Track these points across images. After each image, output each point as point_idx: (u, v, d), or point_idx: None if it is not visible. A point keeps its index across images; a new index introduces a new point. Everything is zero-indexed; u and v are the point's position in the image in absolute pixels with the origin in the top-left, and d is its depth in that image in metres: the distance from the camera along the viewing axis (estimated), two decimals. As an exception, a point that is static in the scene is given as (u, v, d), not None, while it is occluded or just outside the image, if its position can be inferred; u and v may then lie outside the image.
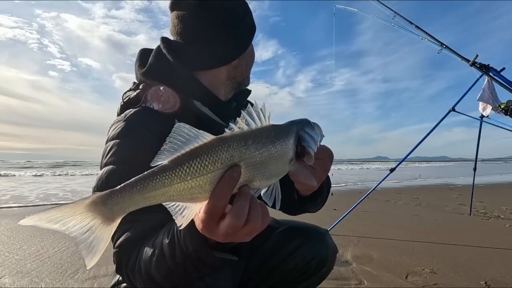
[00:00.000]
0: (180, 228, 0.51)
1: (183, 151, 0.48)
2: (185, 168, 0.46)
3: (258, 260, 1.04)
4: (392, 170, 4.08)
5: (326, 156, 0.65)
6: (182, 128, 0.48)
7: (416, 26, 3.49)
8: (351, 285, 1.90)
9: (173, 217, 0.50)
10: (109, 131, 0.83)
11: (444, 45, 3.36)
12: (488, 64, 3.20)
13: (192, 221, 0.55)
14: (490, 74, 3.20)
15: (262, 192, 0.55)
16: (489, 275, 2.06)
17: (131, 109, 0.84)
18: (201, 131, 0.49)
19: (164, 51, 0.91)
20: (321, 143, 0.63)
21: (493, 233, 3.26)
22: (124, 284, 0.87)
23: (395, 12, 3.57)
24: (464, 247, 2.73)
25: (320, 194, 0.88)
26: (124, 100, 0.90)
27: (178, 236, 0.61)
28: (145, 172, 0.48)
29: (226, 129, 0.51)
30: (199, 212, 0.50)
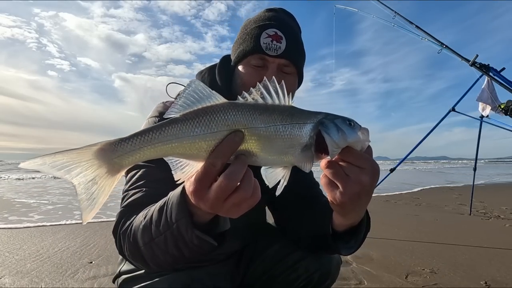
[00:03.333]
0: (177, 183, 0.52)
1: (195, 108, 0.49)
2: (194, 123, 0.48)
3: (259, 267, 1.02)
4: (392, 170, 4.08)
5: (367, 167, 0.54)
6: (196, 85, 0.50)
7: (416, 26, 3.49)
8: (351, 285, 1.90)
9: (173, 171, 0.51)
10: None
11: (444, 45, 3.36)
12: (488, 64, 3.20)
13: (185, 195, 0.56)
14: (490, 74, 3.20)
15: (267, 171, 0.53)
16: (489, 275, 2.06)
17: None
18: (214, 92, 0.50)
19: (217, 67, 1.03)
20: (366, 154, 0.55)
21: (493, 233, 3.25)
22: (124, 276, 0.87)
23: (395, 12, 3.57)
24: (464, 247, 2.73)
25: (354, 235, 0.76)
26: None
27: (167, 204, 0.61)
28: (156, 124, 0.49)
29: (239, 97, 0.51)
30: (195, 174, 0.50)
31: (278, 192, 0.53)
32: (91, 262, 2.27)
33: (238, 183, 0.49)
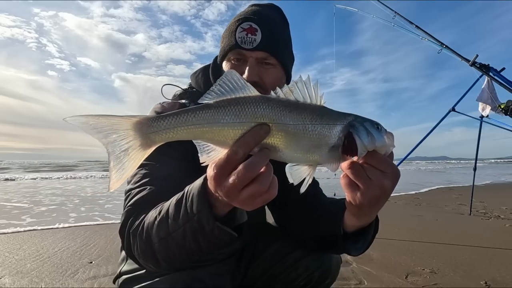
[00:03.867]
0: (202, 165, 0.53)
1: (228, 96, 0.51)
2: (225, 111, 0.50)
3: (259, 266, 1.02)
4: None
5: (389, 172, 0.54)
6: (233, 76, 0.51)
7: (416, 26, 3.49)
8: (351, 285, 1.90)
9: (199, 154, 0.52)
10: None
11: (444, 45, 3.36)
12: (488, 64, 3.21)
13: (206, 187, 0.57)
14: (490, 74, 3.20)
15: (291, 168, 0.54)
16: (489, 275, 2.06)
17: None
18: (248, 84, 0.52)
19: (210, 67, 1.06)
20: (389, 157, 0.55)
21: (493, 233, 3.25)
22: (125, 276, 0.87)
23: (395, 12, 3.57)
24: (464, 247, 2.73)
25: (363, 235, 0.76)
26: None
27: (186, 197, 0.61)
28: (192, 106, 0.51)
29: (272, 92, 0.52)
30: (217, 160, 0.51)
31: (302, 190, 0.53)
32: (91, 262, 2.27)
33: (257, 175, 0.49)
